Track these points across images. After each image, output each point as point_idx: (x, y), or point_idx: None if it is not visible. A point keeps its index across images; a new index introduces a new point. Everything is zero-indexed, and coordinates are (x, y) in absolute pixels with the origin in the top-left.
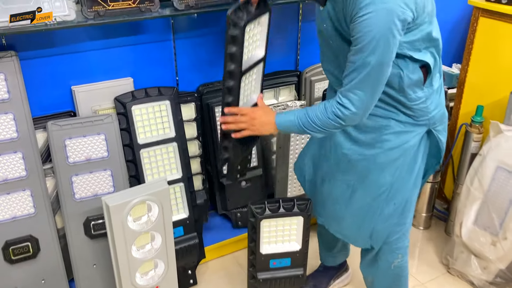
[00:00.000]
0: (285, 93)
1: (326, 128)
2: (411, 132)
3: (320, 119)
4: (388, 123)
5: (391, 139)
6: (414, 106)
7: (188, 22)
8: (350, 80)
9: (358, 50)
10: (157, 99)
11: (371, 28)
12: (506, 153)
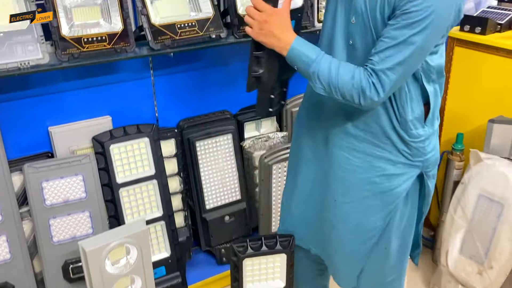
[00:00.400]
0: (267, 125)
1: (339, 93)
2: (403, 175)
3: (343, 81)
4: (380, 164)
5: (383, 182)
6: (412, 144)
7: (166, 59)
8: (384, 58)
9: (405, 25)
10: (136, 137)
11: (431, 3)
12: (487, 181)
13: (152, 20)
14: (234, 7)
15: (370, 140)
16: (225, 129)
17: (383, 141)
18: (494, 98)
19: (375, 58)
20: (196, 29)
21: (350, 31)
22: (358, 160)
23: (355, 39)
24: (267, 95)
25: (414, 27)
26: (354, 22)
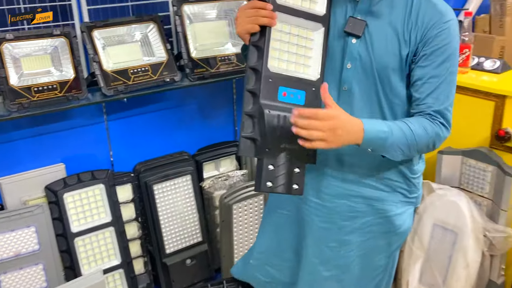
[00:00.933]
0: (226, 164)
1: (417, 150)
2: (403, 214)
3: (420, 137)
4: (382, 206)
5: (385, 223)
6: (412, 180)
7: (120, 103)
8: (438, 97)
9: (443, 60)
10: (91, 183)
11: (455, 35)
12: (440, 211)
13: (104, 67)
14: (187, 51)
15: (371, 184)
16: (184, 171)
17: (383, 183)
18: None
19: (429, 101)
20: (149, 74)
21: (345, 76)
22: (360, 206)
23: (352, 85)
24: (262, 163)
25: (450, 58)
26: (350, 68)
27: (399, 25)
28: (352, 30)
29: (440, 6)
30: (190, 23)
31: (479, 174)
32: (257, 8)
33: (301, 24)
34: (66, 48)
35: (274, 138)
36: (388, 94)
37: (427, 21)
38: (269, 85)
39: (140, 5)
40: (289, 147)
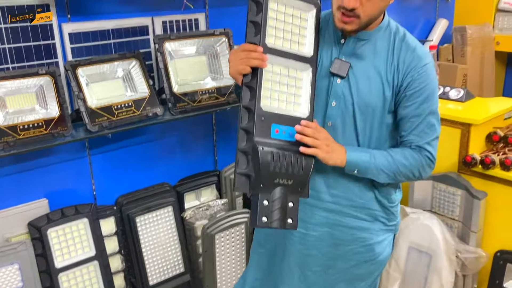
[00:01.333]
0: (207, 193)
1: (403, 176)
2: (384, 241)
3: (403, 165)
4: (363, 234)
5: (367, 251)
6: (391, 209)
7: (102, 138)
8: (419, 133)
9: (423, 100)
10: (74, 218)
11: (432, 77)
12: (414, 234)
13: (88, 103)
14: (169, 86)
15: (352, 214)
16: (165, 202)
17: (364, 212)
18: None
19: (412, 137)
20: (133, 109)
21: (330, 113)
22: (343, 234)
23: (336, 121)
24: (257, 199)
25: (430, 98)
26: (334, 106)
27: (382, 67)
28: (338, 71)
29: (419, 51)
30: (171, 59)
31: (449, 198)
32: (249, 51)
33: (291, 65)
34: (51, 86)
35: (268, 174)
36: (369, 130)
37: (408, 64)
38: (262, 123)
39: (122, 42)
40: (283, 182)
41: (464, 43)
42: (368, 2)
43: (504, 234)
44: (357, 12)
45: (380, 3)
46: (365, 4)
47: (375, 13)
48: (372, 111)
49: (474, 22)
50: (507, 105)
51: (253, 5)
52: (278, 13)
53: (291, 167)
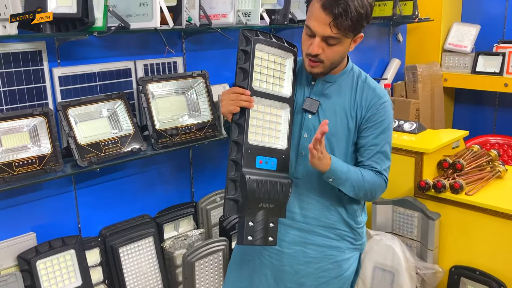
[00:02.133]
0: (184, 224)
1: (365, 193)
2: (350, 259)
3: (369, 183)
4: (332, 252)
5: (335, 268)
6: (357, 229)
7: (87, 174)
8: (377, 161)
9: (381, 131)
10: (62, 250)
11: (389, 113)
12: (378, 254)
13: (78, 141)
14: (152, 123)
15: (322, 233)
16: (146, 233)
17: (333, 232)
18: None
19: (371, 163)
20: (119, 145)
21: (303, 144)
22: (314, 252)
23: (307, 151)
24: (243, 220)
25: (386, 131)
26: (306, 137)
27: (347, 104)
28: (309, 107)
29: (378, 91)
30: (153, 99)
31: (407, 220)
32: (238, 94)
33: (272, 104)
34: (44, 126)
35: (254, 199)
36: (336, 157)
37: (369, 101)
38: (248, 155)
39: (107, 84)
40: (266, 206)
41: (416, 80)
42: (328, 50)
43: (457, 251)
44: (321, 57)
45: (339, 50)
46: (327, 51)
47: (336, 58)
48: (337, 142)
49: (423, 61)
50: (454, 135)
51: (242, 54)
52: (262, 60)
53: (273, 193)
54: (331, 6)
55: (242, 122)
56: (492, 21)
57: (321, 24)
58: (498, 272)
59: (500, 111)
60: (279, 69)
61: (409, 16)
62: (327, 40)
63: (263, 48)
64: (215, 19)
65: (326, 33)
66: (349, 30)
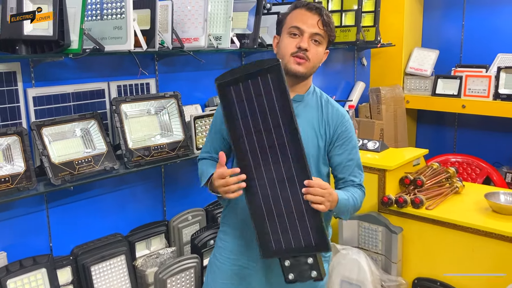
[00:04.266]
0: (156, 242)
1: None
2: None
3: (358, 201)
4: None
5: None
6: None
7: (60, 193)
8: (357, 174)
9: (352, 147)
10: (33, 268)
11: (353, 130)
12: (345, 268)
13: (52, 159)
14: (125, 142)
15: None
16: (118, 251)
17: None
18: None
19: (352, 178)
20: (92, 164)
21: None
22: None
23: None
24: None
25: (355, 146)
26: None
27: (315, 123)
28: None
29: (340, 110)
30: (126, 118)
31: (372, 234)
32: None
33: None
34: (18, 144)
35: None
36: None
37: (335, 120)
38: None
39: (80, 104)
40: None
41: (379, 102)
42: (314, 49)
43: (419, 263)
44: (308, 54)
45: (321, 52)
46: (312, 50)
47: (317, 61)
48: (309, 158)
49: (386, 84)
50: (415, 153)
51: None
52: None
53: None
54: (316, 8)
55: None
56: (450, 46)
57: (309, 23)
58: (457, 283)
59: (460, 131)
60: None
61: (372, 42)
62: (314, 37)
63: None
64: (187, 42)
65: (314, 30)
66: (330, 31)
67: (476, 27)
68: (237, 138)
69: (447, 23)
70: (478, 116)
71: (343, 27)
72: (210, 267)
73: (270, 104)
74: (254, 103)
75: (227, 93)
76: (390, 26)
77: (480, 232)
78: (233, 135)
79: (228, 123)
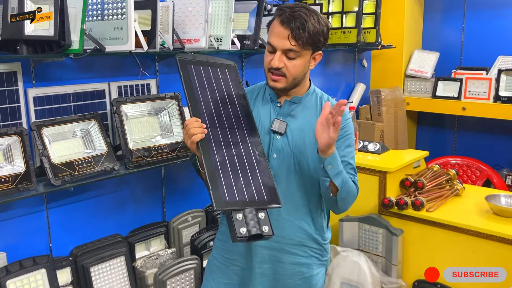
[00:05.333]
0: (156, 243)
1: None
2: (318, 274)
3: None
4: (301, 269)
5: (304, 283)
6: (324, 246)
7: (60, 193)
8: (348, 171)
9: (347, 146)
10: (33, 269)
11: (352, 130)
12: (345, 270)
13: (52, 160)
14: (126, 143)
15: (291, 251)
16: (117, 252)
17: (301, 249)
18: None
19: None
20: (92, 164)
21: (272, 164)
22: (283, 270)
23: (277, 171)
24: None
25: (351, 145)
26: (275, 157)
27: (313, 123)
28: (277, 129)
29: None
30: (127, 119)
31: (373, 236)
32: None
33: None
34: (18, 145)
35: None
36: (306, 175)
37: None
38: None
39: (81, 105)
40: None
41: (380, 104)
42: (289, 63)
43: (419, 265)
44: (283, 71)
45: (300, 64)
46: (288, 65)
47: (298, 73)
48: (306, 160)
49: (387, 85)
50: (416, 155)
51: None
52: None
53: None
54: (288, 21)
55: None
56: (451, 48)
57: (280, 38)
58: (458, 285)
59: (460, 133)
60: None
61: (372, 43)
62: (287, 53)
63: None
64: (188, 43)
65: (285, 46)
66: (307, 44)
67: (477, 29)
68: (195, 102)
69: (448, 25)
70: (479, 118)
71: (343, 29)
72: (209, 267)
73: (227, 86)
74: (212, 80)
75: (187, 68)
76: (391, 28)
77: (480, 234)
78: (191, 99)
79: (187, 90)
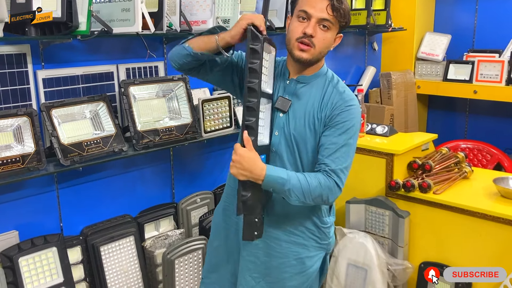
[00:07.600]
0: (165, 224)
1: (312, 199)
2: (315, 257)
3: (313, 187)
4: (296, 248)
5: (299, 264)
6: (322, 229)
7: (70, 173)
8: (335, 159)
9: (342, 132)
10: (44, 247)
11: (354, 117)
12: (351, 251)
13: (61, 140)
14: (134, 125)
15: (288, 230)
16: (127, 232)
17: (298, 229)
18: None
19: (327, 161)
20: (101, 145)
21: (273, 141)
22: (278, 247)
23: (278, 148)
24: (252, 218)
25: (348, 132)
26: (277, 135)
27: (316, 106)
28: (281, 106)
29: (345, 95)
30: (135, 101)
31: (379, 218)
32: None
33: (264, 102)
34: (28, 125)
35: (260, 197)
36: (304, 156)
37: (334, 104)
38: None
39: (89, 87)
40: (262, 203)
41: (390, 87)
42: (321, 35)
43: (426, 248)
44: (313, 41)
45: (329, 38)
46: (319, 36)
47: (325, 47)
48: (305, 144)
49: (397, 69)
50: (424, 138)
51: (251, 52)
52: (264, 60)
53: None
54: None
55: (254, 125)
56: (463, 31)
57: (318, 7)
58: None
59: (471, 117)
60: (266, 66)
61: (382, 26)
62: (322, 23)
63: (265, 47)
64: (195, 25)
65: (323, 15)
66: (340, 17)
67: (490, 11)
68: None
69: (460, 7)
70: (490, 101)
71: (353, 10)
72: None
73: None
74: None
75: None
76: (402, 9)
77: (487, 216)
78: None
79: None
